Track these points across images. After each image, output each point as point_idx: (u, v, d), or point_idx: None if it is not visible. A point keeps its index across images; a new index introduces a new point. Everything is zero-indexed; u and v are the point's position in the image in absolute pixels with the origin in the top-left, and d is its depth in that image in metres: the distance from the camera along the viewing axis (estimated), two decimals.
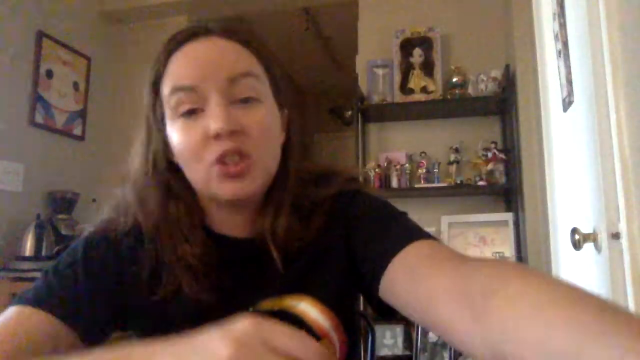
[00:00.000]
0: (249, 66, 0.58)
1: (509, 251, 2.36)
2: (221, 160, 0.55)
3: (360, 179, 0.73)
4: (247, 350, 0.31)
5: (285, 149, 0.64)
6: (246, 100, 0.57)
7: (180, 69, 0.56)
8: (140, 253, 0.62)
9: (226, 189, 0.56)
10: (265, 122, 0.58)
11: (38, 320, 0.55)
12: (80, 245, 0.64)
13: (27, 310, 0.55)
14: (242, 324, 0.33)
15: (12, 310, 0.56)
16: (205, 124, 0.55)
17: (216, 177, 0.56)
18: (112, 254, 0.63)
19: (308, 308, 0.55)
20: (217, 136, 0.54)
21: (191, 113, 0.56)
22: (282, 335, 0.32)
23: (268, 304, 0.56)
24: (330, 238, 0.64)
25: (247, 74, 0.57)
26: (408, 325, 2.36)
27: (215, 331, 0.33)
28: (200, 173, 0.57)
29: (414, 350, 2.22)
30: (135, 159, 0.64)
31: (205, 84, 0.55)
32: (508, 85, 2.34)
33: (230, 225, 0.64)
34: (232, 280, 0.61)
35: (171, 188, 0.61)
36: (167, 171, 0.61)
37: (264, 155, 0.58)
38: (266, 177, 0.60)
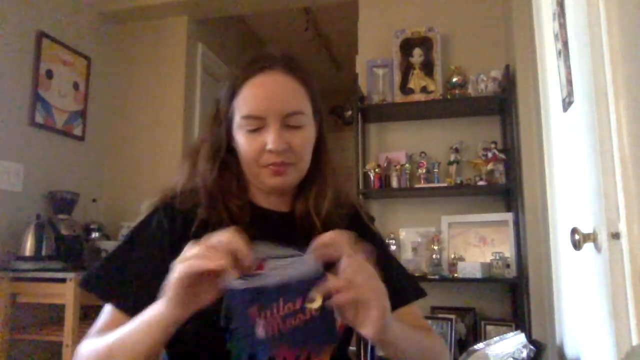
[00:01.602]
0: (301, 105, 0.80)
1: (508, 251, 2.36)
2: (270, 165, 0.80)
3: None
4: (197, 249, 0.59)
5: (318, 144, 0.87)
6: (294, 127, 0.79)
7: (253, 101, 0.78)
8: (193, 211, 0.80)
9: (271, 182, 0.81)
10: (306, 141, 0.82)
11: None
12: (141, 220, 0.83)
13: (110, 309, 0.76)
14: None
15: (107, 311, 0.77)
16: (264, 141, 0.77)
17: (265, 174, 0.80)
18: (169, 217, 0.80)
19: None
20: (271, 151, 0.77)
21: (255, 130, 0.78)
22: (218, 235, 0.60)
23: None
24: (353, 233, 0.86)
25: (298, 112, 0.79)
26: None
27: None
28: (254, 169, 0.81)
29: None
30: (202, 142, 0.85)
31: (269, 114, 0.77)
32: (508, 85, 2.34)
33: (268, 201, 0.87)
34: (265, 234, 0.81)
35: (228, 164, 0.84)
36: (226, 153, 0.84)
37: (300, 161, 0.82)
38: (301, 173, 0.84)
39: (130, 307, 0.74)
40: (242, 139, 0.80)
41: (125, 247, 0.81)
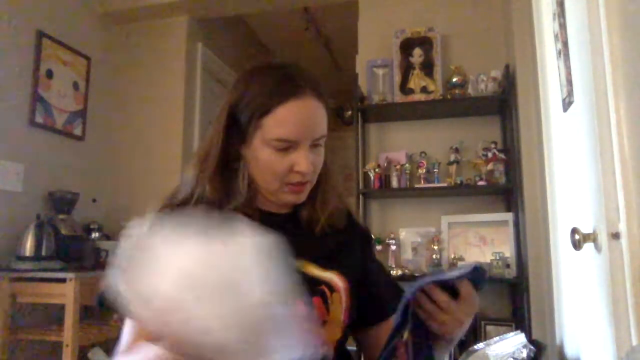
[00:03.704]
0: (326, 128, 0.85)
1: (509, 251, 2.36)
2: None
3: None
4: None
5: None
6: (317, 146, 0.84)
7: (289, 125, 0.80)
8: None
9: (290, 198, 0.86)
10: (322, 159, 0.87)
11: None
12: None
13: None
14: None
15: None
16: (293, 161, 0.81)
17: (286, 190, 0.84)
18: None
19: (326, 274, 0.85)
20: (299, 172, 0.81)
21: (283, 149, 0.81)
22: None
23: (300, 263, 0.82)
24: (353, 235, 0.96)
25: (324, 136, 0.85)
26: None
27: None
28: (274, 185, 0.84)
29: None
30: (212, 149, 0.85)
31: (302, 139, 0.81)
32: (508, 85, 2.34)
33: (271, 204, 0.90)
34: (272, 234, 0.84)
35: (237, 172, 0.85)
36: (235, 159, 0.85)
37: (315, 178, 0.87)
38: (312, 186, 0.88)
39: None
40: (269, 156, 0.81)
41: None
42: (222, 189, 0.84)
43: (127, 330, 0.77)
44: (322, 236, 0.89)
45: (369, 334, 0.92)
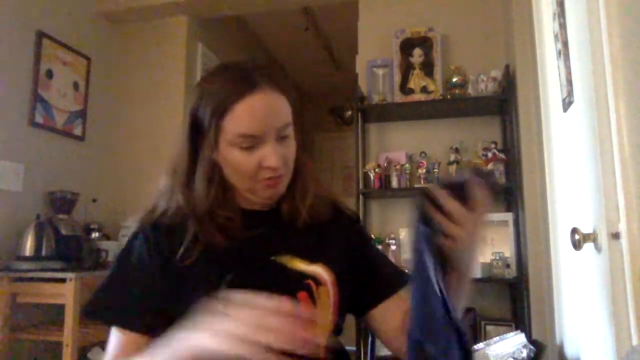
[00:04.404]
0: (288, 116, 0.83)
1: (509, 251, 2.36)
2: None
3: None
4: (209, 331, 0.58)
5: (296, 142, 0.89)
6: (284, 137, 0.82)
7: (248, 121, 0.79)
8: (180, 228, 0.81)
9: (267, 194, 0.85)
10: (294, 149, 0.85)
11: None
12: (128, 242, 0.84)
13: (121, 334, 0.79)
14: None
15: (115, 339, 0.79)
16: (261, 156, 0.80)
17: (261, 187, 0.83)
18: (154, 235, 0.82)
19: (312, 267, 0.84)
20: (270, 167, 0.80)
21: (249, 147, 0.80)
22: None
23: (285, 259, 0.83)
24: (340, 224, 0.94)
25: (288, 124, 0.83)
26: None
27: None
28: (248, 184, 0.83)
29: None
30: (182, 158, 0.85)
31: (264, 132, 0.79)
32: (508, 85, 2.34)
33: (252, 202, 0.88)
34: (252, 236, 0.84)
35: (212, 178, 0.84)
36: (211, 168, 0.83)
37: (289, 170, 0.86)
38: (289, 179, 0.87)
39: (136, 325, 0.78)
40: (236, 156, 0.80)
41: (117, 272, 0.84)
42: (194, 199, 0.83)
43: (113, 341, 0.79)
44: (305, 229, 0.88)
45: (381, 314, 0.90)
